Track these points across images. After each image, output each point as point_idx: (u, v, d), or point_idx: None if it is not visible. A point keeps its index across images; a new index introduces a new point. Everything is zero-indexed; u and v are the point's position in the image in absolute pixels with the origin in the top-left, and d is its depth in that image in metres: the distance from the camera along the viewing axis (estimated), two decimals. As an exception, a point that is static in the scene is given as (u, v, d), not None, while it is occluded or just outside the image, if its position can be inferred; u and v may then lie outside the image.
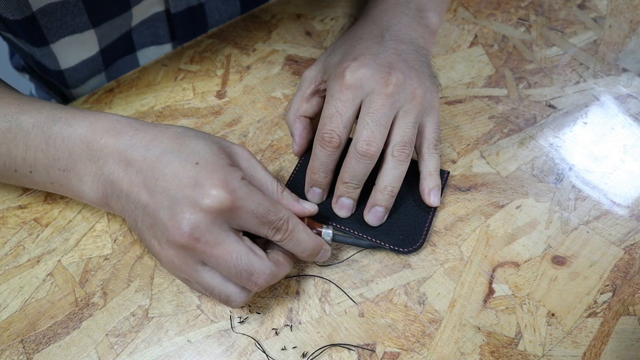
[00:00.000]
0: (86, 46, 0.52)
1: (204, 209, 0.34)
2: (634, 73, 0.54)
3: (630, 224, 0.45)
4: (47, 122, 0.39)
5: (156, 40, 0.58)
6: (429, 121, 0.44)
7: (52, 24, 0.47)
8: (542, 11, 0.59)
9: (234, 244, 0.35)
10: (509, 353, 0.40)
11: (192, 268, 0.36)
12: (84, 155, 0.38)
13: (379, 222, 0.43)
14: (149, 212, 0.36)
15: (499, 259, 0.44)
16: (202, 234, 0.34)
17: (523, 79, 0.54)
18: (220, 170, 0.35)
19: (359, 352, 0.40)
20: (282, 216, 0.37)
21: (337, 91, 0.42)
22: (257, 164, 0.40)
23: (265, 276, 0.36)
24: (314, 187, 0.44)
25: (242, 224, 0.36)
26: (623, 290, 0.42)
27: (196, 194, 0.34)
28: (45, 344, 0.40)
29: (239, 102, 0.53)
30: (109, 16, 0.50)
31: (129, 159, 0.37)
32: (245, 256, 0.35)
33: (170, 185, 0.35)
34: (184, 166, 0.35)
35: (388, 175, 0.42)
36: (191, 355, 0.40)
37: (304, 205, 0.41)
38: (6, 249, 0.44)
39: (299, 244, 0.38)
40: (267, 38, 0.58)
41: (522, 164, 0.49)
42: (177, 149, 0.36)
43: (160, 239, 0.35)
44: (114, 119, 0.39)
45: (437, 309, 0.41)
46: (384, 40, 0.46)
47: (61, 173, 0.39)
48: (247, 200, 0.35)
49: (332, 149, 0.42)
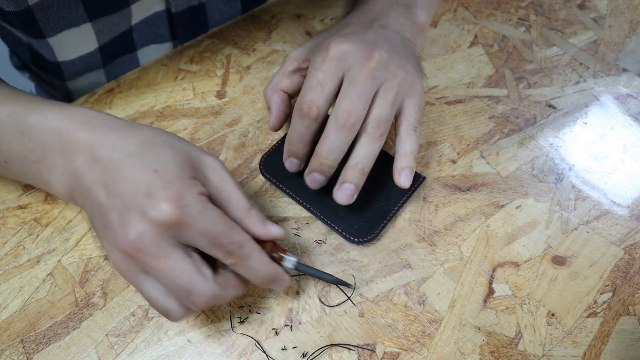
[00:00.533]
0: (84, 41, 0.52)
1: (151, 220, 0.33)
2: (634, 73, 0.54)
3: (630, 224, 0.45)
4: (22, 113, 0.39)
5: (156, 39, 0.58)
6: (410, 103, 0.43)
7: (49, 17, 0.47)
8: (542, 11, 0.59)
9: (177, 260, 0.34)
10: (509, 353, 0.40)
11: (135, 276, 0.35)
12: (56, 148, 0.38)
13: (348, 201, 0.42)
14: (102, 213, 0.35)
15: (499, 259, 0.44)
16: (145, 245, 0.33)
17: (523, 79, 0.54)
18: (177, 182, 0.34)
19: (359, 352, 0.40)
20: (236, 240, 0.35)
21: (320, 62, 0.41)
22: (227, 177, 0.37)
23: (205, 297, 0.34)
24: (291, 157, 0.44)
25: (191, 241, 0.34)
26: (623, 290, 0.42)
27: (146, 204, 0.33)
28: (45, 344, 0.40)
29: (239, 102, 0.53)
30: (106, 11, 0.50)
31: (96, 156, 0.36)
32: (188, 274, 0.34)
33: (126, 189, 0.34)
34: (142, 172, 0.34)
35: (360, 152, 0.41)
36: (191, 355, 0.40)
37: (269, 228, 0.37)
38: (6, 249, 0.44)
39: (251, 271, 0.36)
40: (267, 38, 0.58)
41: (522, 164, 0.49)
42: (141, 153, 0.35)
43: (109, 241, 0.35)
44: (90, 114, 0.38)
45: (437, 309, 0.41)
46: (371, 26, 0.46)
47: (33, 164, 0.39)
48: (198, 218, 0.34)
49: (310, 120, 0.41)
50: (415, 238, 0.45)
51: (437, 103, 0.52)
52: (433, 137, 0.50)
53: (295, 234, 0.45)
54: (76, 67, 0.55)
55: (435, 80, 0.54)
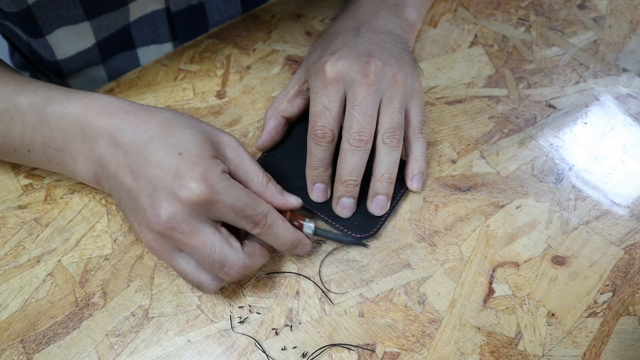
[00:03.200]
0: (82, 38, 0.52)
1: (181, 201, 0.35)
2: (634, 73, 0.54)
3: (630, 224, 0.45)
4: (42, 103, 0.40)
5: (156, 39, 0.58)
6: (413, 105, 0.45)
7: (47, 15, 0.48)
8: (542, 11, 0.59)
9: (209, 235, 0.36)
10: (509, 353, 0.40)
11: (169, 253, 0.38)
12: (77, 135, 0.39)
13: (383, 211, 0.44)
14: (132, 196, 0.37)
15: (499, 259, 0.44)
16: (178, 223, 0.35)
17: (523, 79, 0.54)
18: (201, 162, 0.36)
19: (359, 352, 0.40)
20: (261, 211, 0.38)
21: (321, 87, 0.43)
22: (244, 153, 0.40)
23: (237, 267, 0.37)
24: (317, 184, 0.44)
25: (220, 216, 0.37)
26: (623, 290, 0.42)
27: (175, 185, 0.35)
28: (45, 344, 0.40)
29: (239, 102, 0.53)
30: (104, 10, 0.51)
31: (118, 141, 0.38)
32: (219, 248, 0.36)
33: (152, 173, 0.36)
34: (167, 155, 0.36)
35: (383, 163, 0.43)
36: (191, 355, 0.40)
37: (288, 198, 0.41)
38: (6, 249, 0.44)
39: (277, 238, 0.39)
40: (267, 38, 0.58)
41: (522, 164, 0.49)
42: (163, 136, 0.37)
43: (140, 223, 0.37)
44: (107, 100, 0.40)
45: (437, 309, 0.41)
46: (359, 33, 0.46)
47: (56, 152, 0.41)
48: (225, 194, 0.36)
49: (326, 143, 0.43)
50: (415, 238, 0.45)
51: (437, 103, 0.52)
52: (433, 137, 0.50)
53: (295, 234, 0.45)
54: (75, 64, 0.56)
55: (435, 80, 0.54)
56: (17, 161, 0.45)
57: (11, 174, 0.48)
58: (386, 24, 0.48)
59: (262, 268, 0.43)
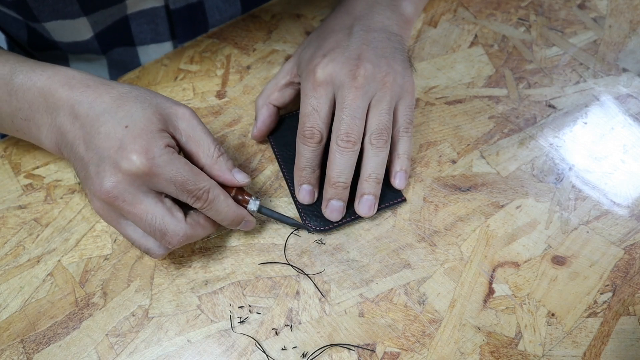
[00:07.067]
0: (79, 31, 0.53)
1: (122, 171, 0.37)
2: (634, 73, 0.54)
3: (630, 224, 0.45)
4: (10, 75, 0.42)
5: (156, 38, 0.58)
6: (401, 105, 0.45)
7: (44, 7, 0.49)
8: (542, 11, 0.59)
9: (150, 205, 0.38)
10: (509, 353, 0.40)
11: (116, 221, 0.40)
12: (42, 106, 0.41)
13: (370, 211, 0.44)
14: (84, 165, 0.39)
15: (499, 259, 0.44)
16: (120, 193, 0.37)
17: (523, 79, 0.54)
18: (145, 136, 0.37)
19: (359, 352, 0.40)
20: (203, 186, 0.39)
21: (311, 89, 0.44)
22: (197, 124, 0.41)
23: (178, 237, 0.39)
24: (304, 185, 0.45)
25: (162, 188, 0.38)
26: (623, 290, 0.42)
27: (118, 157, 0.37)
28: (45, 344, 0.40)
29: (239, 102, 0.53)
30: (101, 6, 0.51)
31: (76, 113, 0.39)
32: (161, 217, 0.38)
33: (101, 144, 0.38)
34: (114, 128, 0.38)
35: (370, 163, 0.43)
36: (191, 355, 0.40)
37: (235, 175, 0.41)
38: (6, 249, 0.44)
39: (218, 214, 0.40)
40: (267, 38, 0.58)
41: (522, 164, 0.49)
42: (114, 110, 0.39)
43: (90, 190, 0.39)
44: (70, 74, 0.41)
45: (437, 309, 0.41)
46: (353, 31, 0.47)
47: (23, 122, 0.42)
48: (165, 167, 0.37)
49: (314, 144, 0.43)
50: (415, 238, 0.45)
51: (437, 103, 0.52)
52: (433, 137, 0.50)
53: (295, 234, 0.45)
54: (74, 49, 0.57)
55: (435, 80, 0.54)
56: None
57: (11, 174, 0.48)
58: (382, 20, 0.48)
59: (210, 236, 0.45)
